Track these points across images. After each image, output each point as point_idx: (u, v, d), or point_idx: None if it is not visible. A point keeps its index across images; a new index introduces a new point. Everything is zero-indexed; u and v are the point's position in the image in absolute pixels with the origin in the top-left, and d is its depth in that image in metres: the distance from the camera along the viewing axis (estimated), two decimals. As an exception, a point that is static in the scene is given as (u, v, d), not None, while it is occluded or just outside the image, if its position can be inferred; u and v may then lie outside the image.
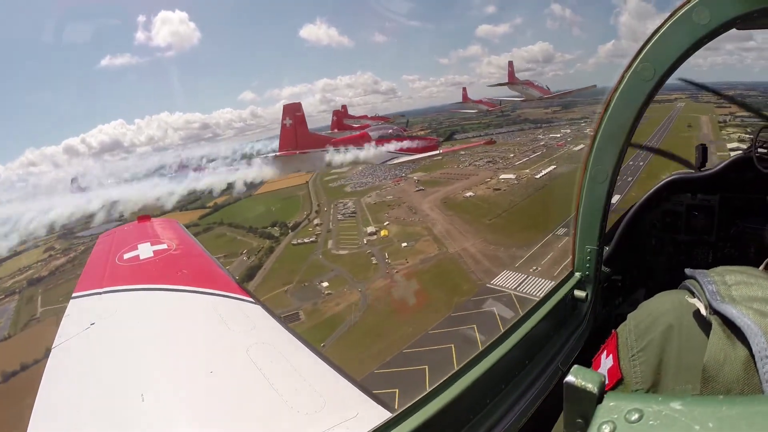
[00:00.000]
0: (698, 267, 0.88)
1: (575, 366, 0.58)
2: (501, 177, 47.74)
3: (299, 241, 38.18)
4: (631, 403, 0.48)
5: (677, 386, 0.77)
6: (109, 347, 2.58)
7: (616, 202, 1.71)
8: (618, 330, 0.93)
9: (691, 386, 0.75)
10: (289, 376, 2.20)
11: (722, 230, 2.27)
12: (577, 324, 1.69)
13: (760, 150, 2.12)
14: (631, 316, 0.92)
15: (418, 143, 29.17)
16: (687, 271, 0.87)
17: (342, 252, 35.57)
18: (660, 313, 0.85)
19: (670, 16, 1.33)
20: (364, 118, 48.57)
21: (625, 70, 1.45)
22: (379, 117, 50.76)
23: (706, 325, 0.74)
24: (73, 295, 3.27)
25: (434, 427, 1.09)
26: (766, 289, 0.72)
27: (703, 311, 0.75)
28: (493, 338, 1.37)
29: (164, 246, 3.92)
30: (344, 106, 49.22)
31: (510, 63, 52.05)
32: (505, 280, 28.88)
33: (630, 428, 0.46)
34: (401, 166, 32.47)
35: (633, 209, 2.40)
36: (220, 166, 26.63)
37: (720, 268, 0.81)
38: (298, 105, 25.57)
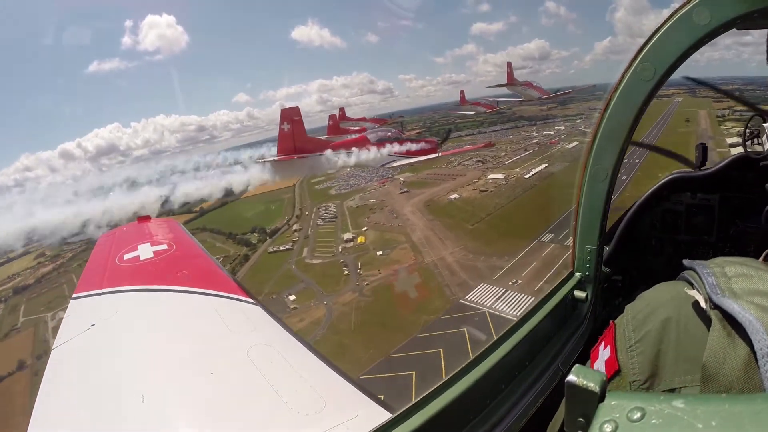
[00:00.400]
0: None
1: (576, 365, 0.58)
2: (489, 177, 46.27)
3: (275, 248, 37.01)
4: (632, 402, 0.48)
5: (675, 378, 0.77)
6: (110, 348, 2.58)
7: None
8: (616, 321, 0.92)
9: (689, 378, 0.74)
10: (289, 376, 2.20)
11: (722, 230, 2.27)
12: (578, 324, 1.69)
13: (755, 140, 2.13)
14: (629, 308, 0.91)
15: (417, 146, 28.81)
16: (686, 262, 0.86)
17: (316, 261, 34.21)
18: (658, 304, 0.85)
19: (670, 16, 1.33)
20: (362, 120, 48.29)
21: (625, 70, 1.45)
22: (377, 119, 50.56)
23: (704, 317, 0.73)
24: (74, 295, 3.27)
25: (434, 427, 1.09)
26: (767, 282, 0.71)
27: (703, 304, 0.74)
28: (493, 339, 1.37)
29: (164, 246, 3.92)
30: (342, 109, 48.73)
31: (509, 64, 51.69)
32: (481, 296, 26.54)
33: (632, 427, 0.45)
34: (388, 167, 32.10)
35: (633, 209, 2.40)
36: (216, 171, 26.21)
37: (719, 260, 0.80)
38: (296, 109, 25.37)
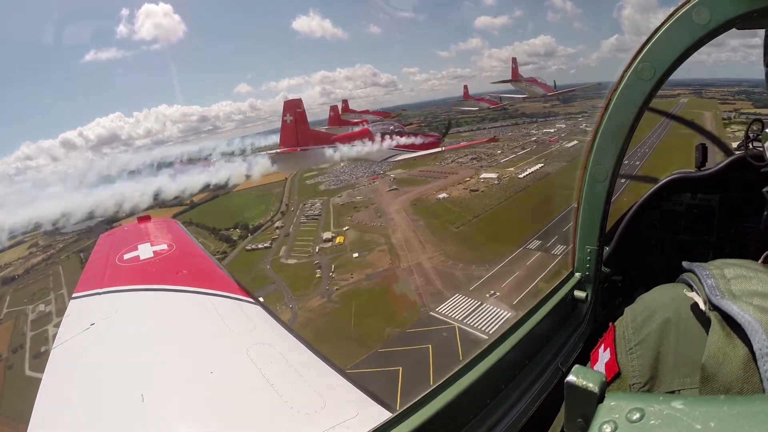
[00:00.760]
0: None
1: (576, 366, 0.58)
2: (481, 176, 44.35)
3: (254, 246, 35.93)
4: (632, 403, 0.48)
5: (675, 380, 0.77)
6: (110, 347, 2.58)
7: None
8: (616, 323, 0.92)
9: (689, 380, 0.74)
10: (289, 376, 2.20)
11: (722, 230, 2.27)
12: (577, 324, 1.69)
13: (755, 143, 2.12)
14: (628, 310, 0.91)
15: (419, 140, 28.53)
16: (685, 264, 0.86)
17: (291, 261, 32.87)
18: (657, 306, 0.85)
19: (670, 16, 1.33)
20: (366, 113, 47.87)
21: (625, 70, 1.45)
22: (381, 112, 50.19)
23: (704, 319, 0.73)
24: (74, 295, 3.27)
25: (434, 427, 1.09)
26: (766, 284, 0.71)
27: (702, 306, 0.74)
28: (493, 338, 1.37)
29: (164, 246, 3.92)
30: (345, 101, 48.39)
31: (513, 59, 50.94)
32: (454, 308, 24.35)
33: (631, 428, 0.45)
34: (387, 162, 31.61)
35: (633, 209, 2.40)
36: (219, 162, 25.79)
37: (718, 261, 0.80)
38: (298, 101, 25.27)
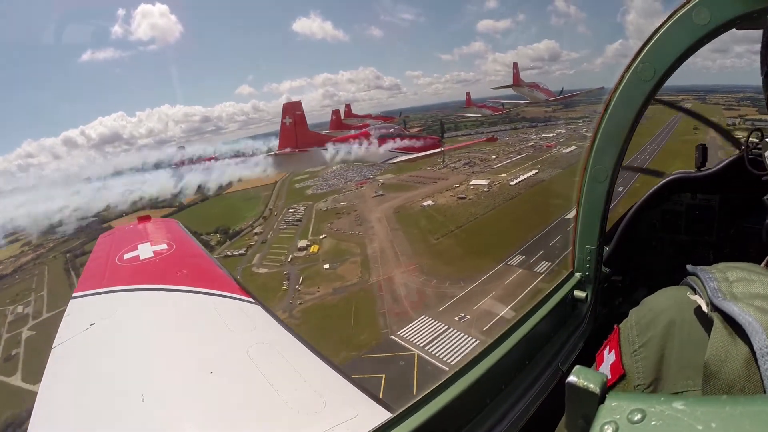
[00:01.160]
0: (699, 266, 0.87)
1: (577, 366, 0.58)
2: (471, 183, 43.37)
3: (230, 252, 35.30)
4: (633, 403, 0.48)
5: (679, 382, 0.77)
6: (109, 347, 2.58)
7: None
8: (620, 325, 0.93)
9: (692, 382, 0.75)
10: (289, 376, 2.20)
11: (722, 230, 2.27)
12: (577, 324, 1.69)
13: (754, 151, 2.12)
14: (632, 312, 0.92)
15: (419, 142, 28.44)
16: (689, 267, 0.87)
17: (262, 270, 31.83)
18: (661, 309, 0.86)
19: (670, 16, 1.34)
20: (368, 117, 47.89)
21: (625, 70, 1.45)
22: (383, 117, 50.13)
23: (707, 321, 0.74)
24: (74, 295, 3.27)
25: (434, 427, 1.09)
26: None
27: (704, 308, 0.75)
28: (493, 338, 1.37)
29: (164, 246, 3.92)
30: (348, 105, 48.58)
31: (515, 65, 50.79)
32: (418, 332, 22.43)
33: (632, 428, 0.45)
34: (371, 167, 30.92)
35: (633, 209, 2.40)
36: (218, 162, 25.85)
37: (722, 265, 0.81)
38: (298, 104, 25.43)
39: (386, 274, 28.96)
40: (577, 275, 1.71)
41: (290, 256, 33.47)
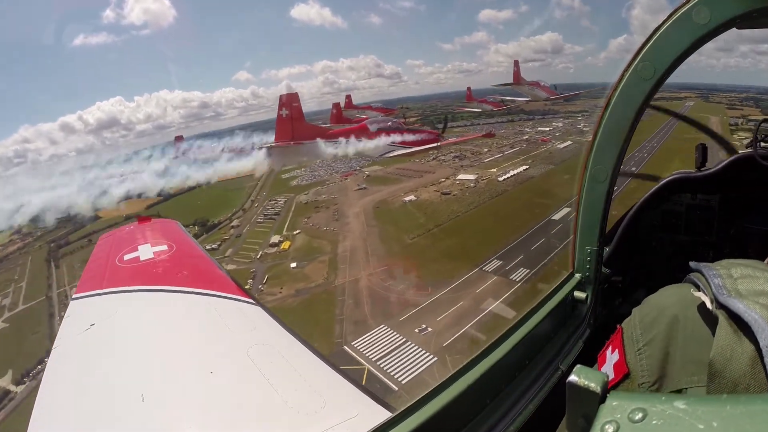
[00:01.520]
0: None
1: (578, 366, 0.58)
2: (458, 178, 40.88)
3: (203, 247, 33.79)
4: (634, 403, 0.48)
5: (683, 379, 0.77)
6: (110, 348, 2.58)
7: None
8: (623, 324, 0.93)
9: (696, 378, 0.75)
10: (289, 376, 2.20)
11: (722, 230, 2.27)
12: (577, 324, 1.69)
13: (762, 144, 2.12)
14: (636, 311, 0.92)
15: (417, 136, 27.79)
16: (692, 264, 0.86)
17: (230, 266, 29.26)
18: (665, 306, 0.85)
19: (670, 16, 1.34)
20: (369, 108, 47.00)
21: (625, 69, 1.45)
22: (384, 109, 49.44)
23: (711, 318, 0.73)
24: (74, 296, 3.28)
25: (434, 427, 1.08)
26: None
27: (709, 305, 0.74)
28: (493, 338, 1.37)
29: (164, 247, 3.92)
30: (348, 96, 47.92)
31: (516, 62, 50.31)
32: (372, 344, 20.52)
33: (633, 428, 0.45)
34: (358, 158, 29.89)
35: (633, 209, 2.40)
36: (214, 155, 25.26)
37: (725, 262, 0.81)
38: (295, 95, 24.90)
39: (353, 276, 26.82)
40: (578, 276, 1.71)
41: (260, 253, 31.64)
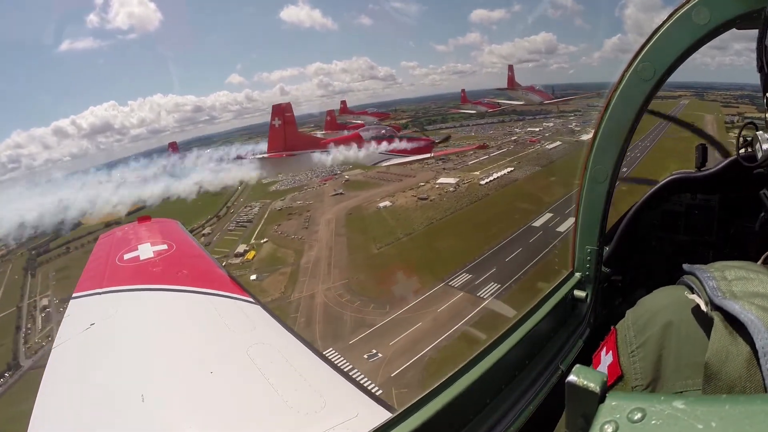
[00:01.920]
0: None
1: (577, 365, 0.58)
2: (438, 181, 39.22)
3: None
4: (633, 403, 0.48)
5: (678, 382, 0.77)
6: (110, 347, 2.58)
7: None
8: (617, 326, 0.93)
9: (691, 381, 0.74)
10: (289, 376, 2.20)
11: (722, 230, 2.27)
12: (577, 324, 1.69)
13: (746, 149, 2.12)
14: (629, 312, 0.92)
15: (411, 144, 27.44)
16: (685, 266, 0.86)
17: None
18: (658, 309, 0.85)
19: (670, 16, 1.34)
20: (364, 114, 47.20)
21: (625, 70, 1.46)
22: (379, 113, 49.66)
23: (705, 321, 0.73)
24: (74, 295, 3.27)
25: (434, 427, 1.09)
26: (767, 284, 0.71)
27: (704, 307, 0.74)
28: (493, 338, 1.37)
29: (164, 246, 3.92)
30: (343, 102, 48.14)
31: (510, 67, 49.84)
32: None
33: (632, 428, 0.45)
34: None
35: (633, 209, 2.40)
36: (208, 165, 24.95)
37: (719, 264, 0.81)
38: (287, 105, 24.86)
39: (310, 291, 24.88)
40: (577, 275, 1.71)
41: (224, 263, 29.22)
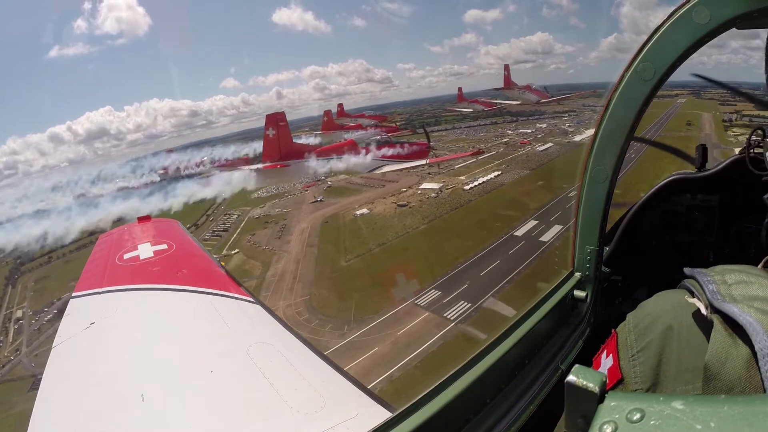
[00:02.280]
0: (699, 267, 0.86)
1: (576, 365, 0.58)
2: (421, 187, 38.15)
3: None
4: (632, 403, 0.48)
5: (677, 386, 0.77)
6: (109, 347, 2.58)
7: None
8: (618, 330, 0.93)
9: (691, 386, 0.74)
10: (289, 375, 2.20)
11: (722, 230, 2.27)
12: (577, 324, 1.69)
13: (756, 150, 2.12)
14: (630, 316, 0.92)
15: (406, 149, 27.03)
16: (686, 270, 0.87)
17: None
18: (659, 313, 0.85)
19: (670, 16, 1.34)
20: (362, 117, 47.22)
21: (625, 70, 1.45)
22: (376, 116, 49.70)
23: (706, 325, 0.73)
24: (73, 294, 3.27)
25: (434, 427, 1.09)
26: (767, 288, 0.72)
27: (704, 311, 0.74)
28: (493, 338, 1.37)
29: (164, 246, 3.92)
30: (340, 105, 48.29)
31: (506, 67, 50.25)
32: None
33: (632, 428, 0.45)
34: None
35: (633, 209, 2.40)
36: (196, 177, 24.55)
37: (719, 267, 0.81)
38: (281, 115, 24.66)
39: (270, 308, 24.19)
40: (577, 275, 1.71)
41: None
